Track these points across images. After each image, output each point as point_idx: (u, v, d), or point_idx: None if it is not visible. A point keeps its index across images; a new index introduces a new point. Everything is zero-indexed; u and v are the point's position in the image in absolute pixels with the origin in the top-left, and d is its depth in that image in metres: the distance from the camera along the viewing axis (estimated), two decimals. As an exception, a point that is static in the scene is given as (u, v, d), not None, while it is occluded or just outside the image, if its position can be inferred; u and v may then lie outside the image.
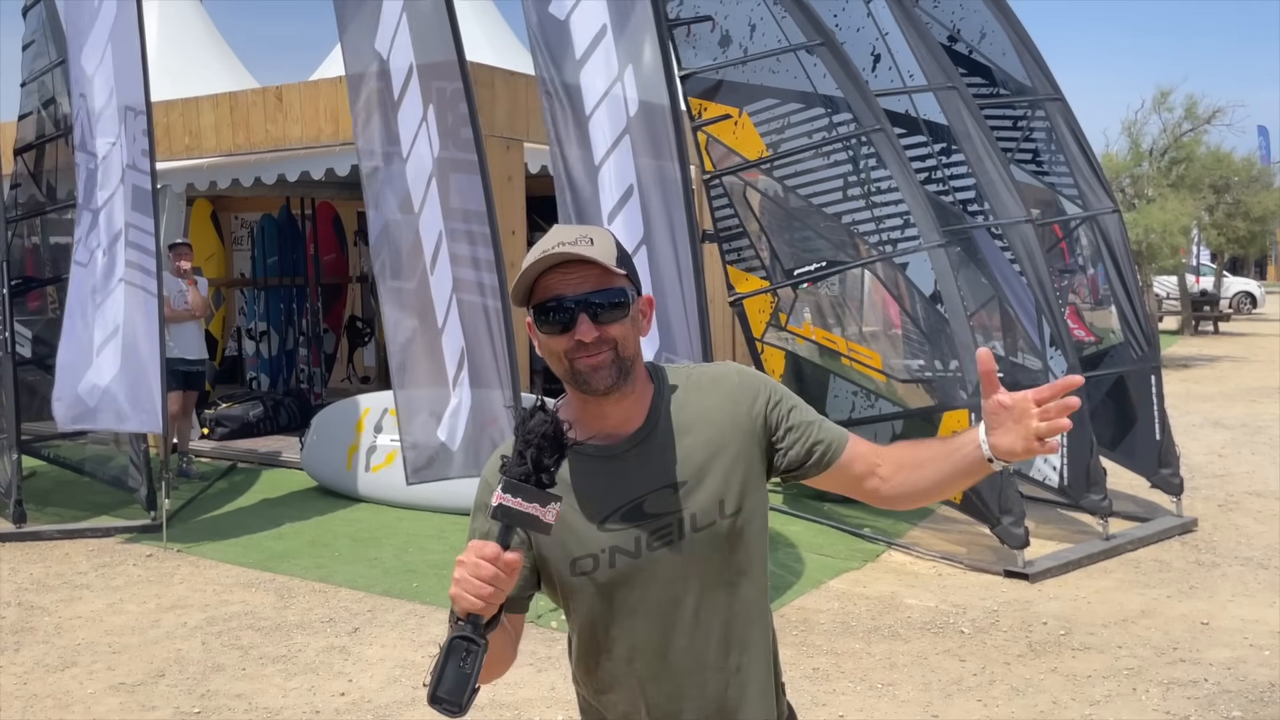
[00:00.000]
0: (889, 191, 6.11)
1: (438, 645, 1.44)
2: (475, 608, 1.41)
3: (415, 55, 5.54)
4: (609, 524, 1.62)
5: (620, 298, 1.60)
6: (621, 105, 5.27)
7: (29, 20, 8.03)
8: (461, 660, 1.39)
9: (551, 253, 1.57)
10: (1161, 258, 18.20)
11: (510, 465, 1.44)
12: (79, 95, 6.90)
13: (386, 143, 5.67)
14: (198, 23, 13.58)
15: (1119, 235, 7.16)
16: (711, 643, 1.65)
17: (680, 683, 1.65)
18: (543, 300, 1.60)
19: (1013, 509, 5.76)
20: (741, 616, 1.67)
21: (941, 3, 7.16)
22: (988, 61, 7.15)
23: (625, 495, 1.62)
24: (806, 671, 4.51)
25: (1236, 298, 29.45)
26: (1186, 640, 4.85)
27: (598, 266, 1.59)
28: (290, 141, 8.94)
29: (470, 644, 1.39)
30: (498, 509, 1.42)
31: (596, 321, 1.58)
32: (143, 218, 6.64)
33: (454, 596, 1.42)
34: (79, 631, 5.14)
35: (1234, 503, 7.50)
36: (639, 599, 1.63)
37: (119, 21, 6.67)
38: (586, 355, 1.58)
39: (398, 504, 7.48)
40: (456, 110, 5.49)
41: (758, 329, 6.66)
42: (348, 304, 13.02)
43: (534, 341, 1.66)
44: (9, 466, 7.06)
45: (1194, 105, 19.95)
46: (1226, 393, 13.52)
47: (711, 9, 6.37)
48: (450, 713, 1.38)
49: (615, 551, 1.62)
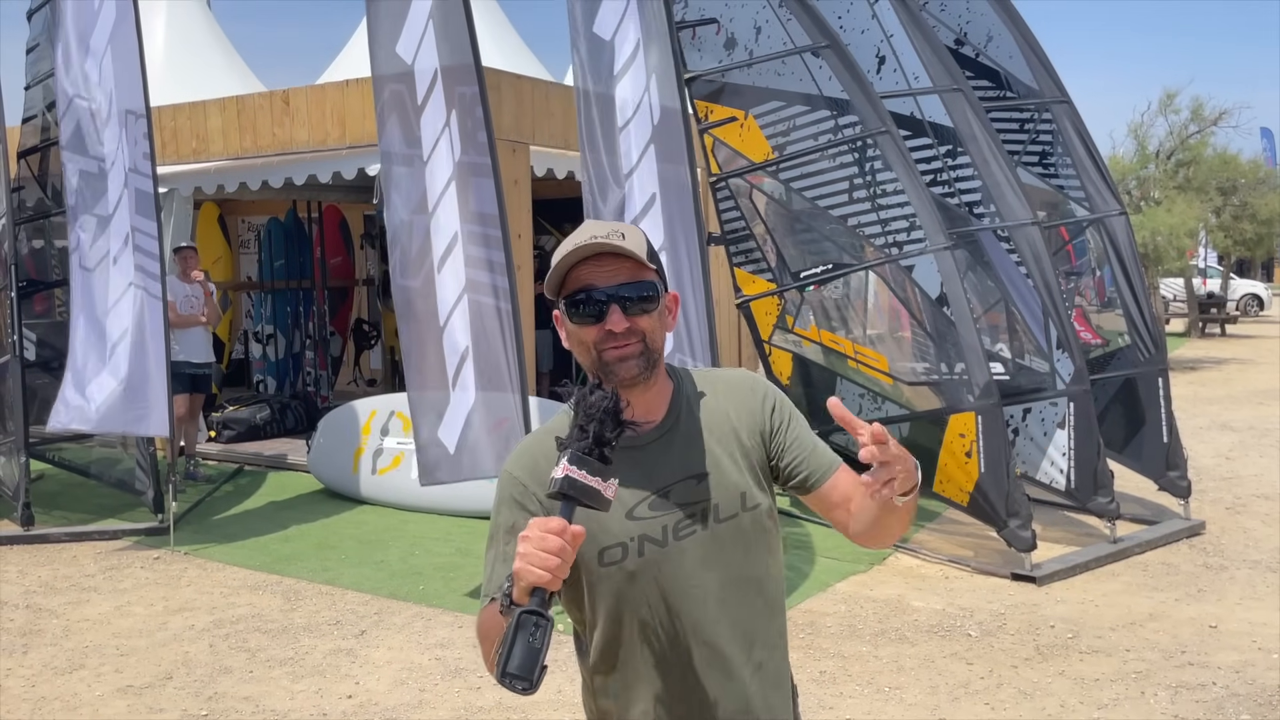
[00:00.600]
0: (895, 194, 6.11)
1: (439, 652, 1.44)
2: (542, 580, 1.39)
3: (439, 58, 5.59)
4: (637, 513, 1.64)
5: (651, 290, 1.64)
6: (648, 114, 5.40)
7: (34, 24, 8.02)
8: (531, 635, 1.37)
9: (587, 243, 1.61)
10: (1168, 260, 18.17)
11: (571, 440, 1.45)
12: (76, 97, 6.90)
13: (406, 145, 5.72)
14: (205, 27, 13.63)
15: (1126, 238, 7.15)
16: (736, 636, 1.66)
17: (703, 676, 1.65)
18: (575, 290, 1.63)
19: (1020, 512, 5.75)
20: (763, 612, 1.69)
21: (949, 5, 7.16)
22: (995, 64, 7.15)
23: (652, 485, 1.65)
24: (814, 674, 4.51)
25: (1243, 300, 29.41)
26: (1195, 644, 4.83)
27: (630, 260, 1.63)
28: (297, 145, 8.96)
29: (539, 618, 1.39)
30: (564, 480, 1.42)
31: (627, 314, 1.61)
32: (146, 221, 6.67)
33: (520, 571, 1.41)
34: (87, 634, 5.15)
35: (1242, 505, 7.48)
36: (666, 588, 1.64)
37: (118, 25, 6.69)
38: (615, 346, 1.61)
39: (404, 506, 7.49)
40: (474, 114, 5.58)
41: (765, 331, 6.66)
42: (354, 307, 13.04)
43: (560, 332, 1.69)
44: (17, 469, 7.08)
45: (1200, 107, 19.92)
46: (1234, 395, 13.49)
47: (717, 11, 6.36)
48: (522, 689, 1.37)
49: (644, 540, 1.64)
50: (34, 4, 7.99)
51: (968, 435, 5.79)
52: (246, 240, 13.11)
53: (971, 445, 5.79)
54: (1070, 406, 6.24)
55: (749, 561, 1.68)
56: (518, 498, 1.67)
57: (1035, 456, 6.37)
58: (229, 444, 9.79)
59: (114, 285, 6.74)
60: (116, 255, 6.72)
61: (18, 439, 7.11)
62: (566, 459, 1.43)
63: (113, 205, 6.75)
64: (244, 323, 12.74)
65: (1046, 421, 6.37)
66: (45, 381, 7.62)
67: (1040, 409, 6.39)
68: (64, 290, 8.03)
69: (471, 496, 7.01)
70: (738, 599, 1.66)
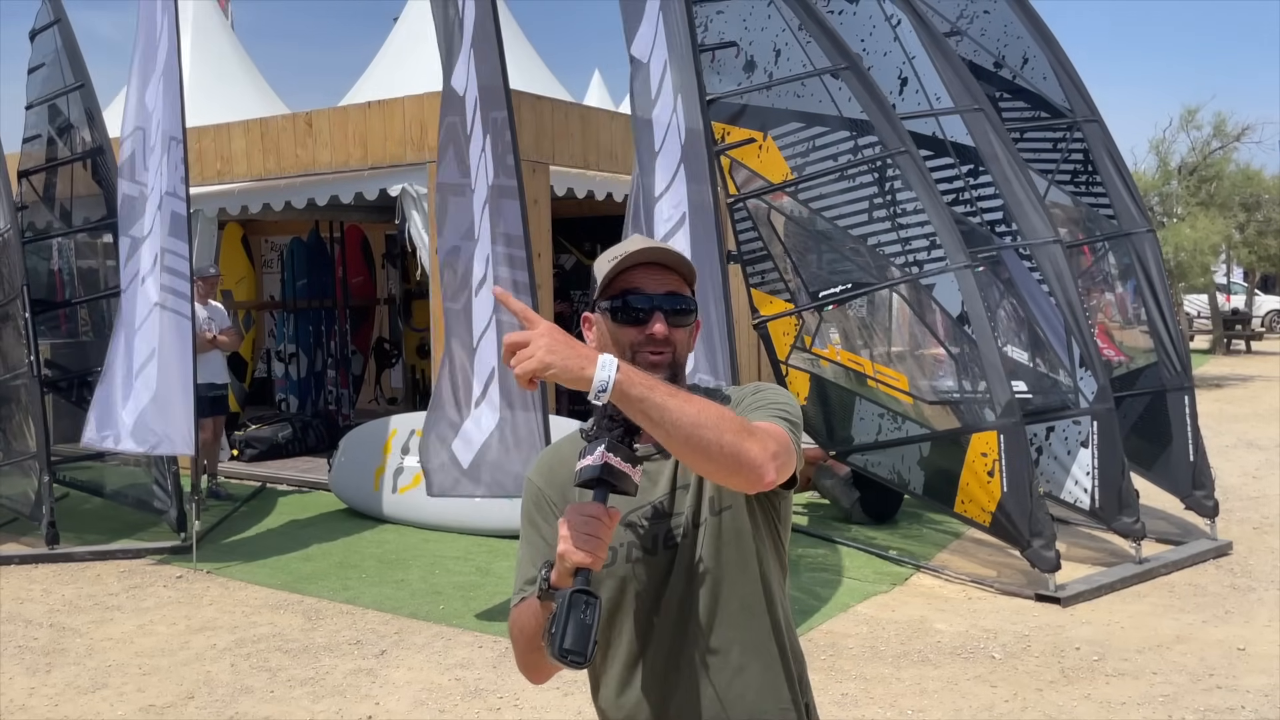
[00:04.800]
0: (915, 213, 6.10)
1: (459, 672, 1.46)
2: (585, 561, 1.48)
3: (478, 79, 5.75)
4: (628, 519, 1.69)
5: (691, 305, 1.73)
6: (677, 135, 5.51)
7: (38, 44, 8.00)
8: (582, 612, 1.45)
9: (644, 248, 1.69)
10: (1192, 276, 18.04)
11: (601, 429, 1.53)
12: (136, 129, 7.04)
13: (460, 174, 5.89)
14: (229, 50, 13.78)
15: (1154, 255, 7.13)
16: (716, 639, 1.69)
17: (685, 678, 1.69)
18: (625, 290, 1.68)
19: (1043, 531, 5.70)
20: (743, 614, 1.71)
21: (988, 30, 7.24)
22: (1030, 86, 7.22)
23: (647, 496, 1.69)
24: (835, 697, 4.47)
25: (1269, 316, 29.11)
26: (1223, 666, 4.77)
27: (676, 274, 1.71)
28: (319, 166, 9.04)
29: (589, 596, 1.47)
30: (603, 467, 1.49)
31: (669, 323, 1.68)
32: (178, 243, 6.79)
33: (565, 553, 1.49)
34: (110, 653, 5.18)
35: (1269, 525, 7.39)
36: (654, 594, 1.69)
37: (170, 52, 6.86)
38: (652, 351, 1.67)
39: (425, 525, 7.50)
40: (504, 138, 5.72)
41: (782, 352, 6.65)
42: (375, 326, 13.11)
43: (587, 334, 1.74)
44: (39, 488, 7.13)
45: (1222, 123, 19.82)
46: (1260, 413, 13.34)
47: (737, 34, 6.42)
48: (577, 664, 1.45)
49: (632, 546, 1.70)
50: (38, 25, 7.99)
51: (990, 454, 5.76)
52: (270, 260, 13.21)
53: (994, 464, 5.75)
54: (1094, 425, 6.19)
55: (734, 566, 1.71)
56: (535, 501, 1.77)
57: (1059, 475, 6.32)
58: (251, 462, 9.84)
59: (140, 306, 6.83)
60: (145, 276, 6.82)
61: (40, 457, 7.15)
62: (604, 446, 1.50)
63: (148, 227, 6.89)
64: (267, 342, 12.83)
65: (1070, 440, 6.32)
66: (59, 401, 7.68)
67: (1064, 427, 6.34)
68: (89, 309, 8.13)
69: (492, 515, 7.02)
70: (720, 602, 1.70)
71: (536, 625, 1.59)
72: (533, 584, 1.65)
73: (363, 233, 12.63)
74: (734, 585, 1.70)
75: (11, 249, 7.39)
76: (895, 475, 6.31)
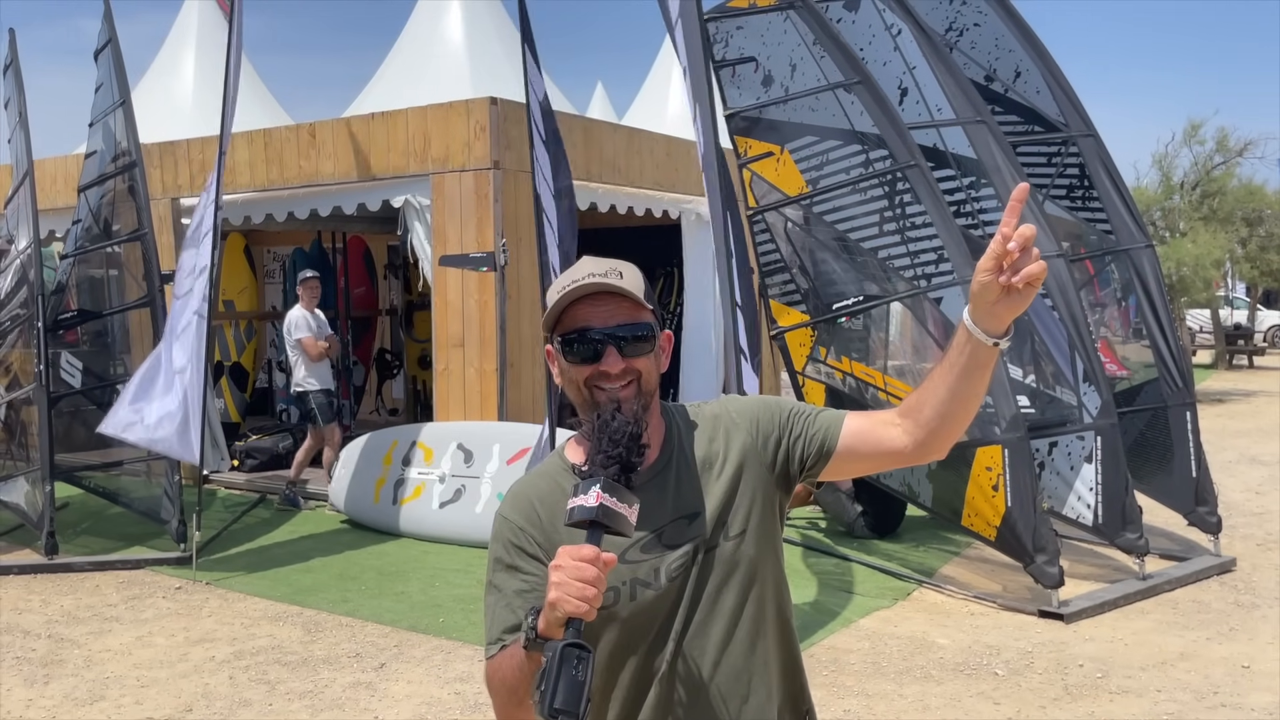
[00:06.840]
0: (923, 226, 6.12)
1: (459, 686, 1.42)
2: (579, 611, 1.37)
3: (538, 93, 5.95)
4: (628, 556, 1.60)
5: (647, 331, 1.61)
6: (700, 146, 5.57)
7: (100, 64, 8.24)
8: (574, 668, 1.35)
9: (584, 283, 1.57)
10: (1194, 291, 18.01)
11: (598, 467, 1.43)
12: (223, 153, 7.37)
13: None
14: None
15: (1153, 270, 7.11)
16: (723, 671, 1.63)
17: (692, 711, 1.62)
18: (570, 330, 1.60)
19: (1047, 547, 5.67)
20: (750, 643, 1.65)
21: (979, 43, 7.21)
22: (1023, 100, 7.19)
23: (644, 527, 1.60)
24: (837, 713, 4.44)
25: (1271, 331, 29.07)
26: (1227, 684, 4.73)
27: (628, 299, 1.59)
28: (322, 177, 9.04)
29: (581, 650, 1.36)
30: (599, 509, 1.40)
31: (623, 354, 1.58)
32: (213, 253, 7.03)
33: (557, 601, 1.38)
34: (108, 664, 5.15)
35: (1273, 541, 7.35)
36: (659, 630, 1.61)
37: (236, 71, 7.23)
38: (611, 384, 1.58)
39: (425, 537, 7.47)
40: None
41: (799, 362, 6.67)
42: (377, 336, 13.10)
43: (552, 368, 1.66)
44: (41, 498, 7.13)
45: (1225, 138, 19.83)
46: (1263, 428, 13.30)
47: (755, 50, 6.48)
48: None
49: (636, 584, 1.60)
50: (99, 44, 8.17)
51: (994, 469, 5.74)
52: (272, 270, 13.22)
53: (998, 479, 5.73)
54: (1097, 440, 6.17)
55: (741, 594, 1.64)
56: (514, 540, 1.63)
57: (1062, 491, 6.29)
58: (252, 473, 9.82)
59: (184, 314, 6.97)
60: (191, 285, 6.96)
61: (43, 468, 7.16)
62: (599, 487, 1.40)
63: (203, 237, 7.09)
64: (268, 352, 12.82)
65: (1073, 455, 6.30)
66: (92, 410, 7.75)
67: (1067, 442, 6.32)
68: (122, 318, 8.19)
69: (492, 528, 7.00)
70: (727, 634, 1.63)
71: (521, 677, 1.49)
72: (514, 632, 1.54)
73: (365, 244, 12.64)
74: (742, 613, 1.64)
75: (31, 265, 7.51)
76: (906, 487, 6.32)
